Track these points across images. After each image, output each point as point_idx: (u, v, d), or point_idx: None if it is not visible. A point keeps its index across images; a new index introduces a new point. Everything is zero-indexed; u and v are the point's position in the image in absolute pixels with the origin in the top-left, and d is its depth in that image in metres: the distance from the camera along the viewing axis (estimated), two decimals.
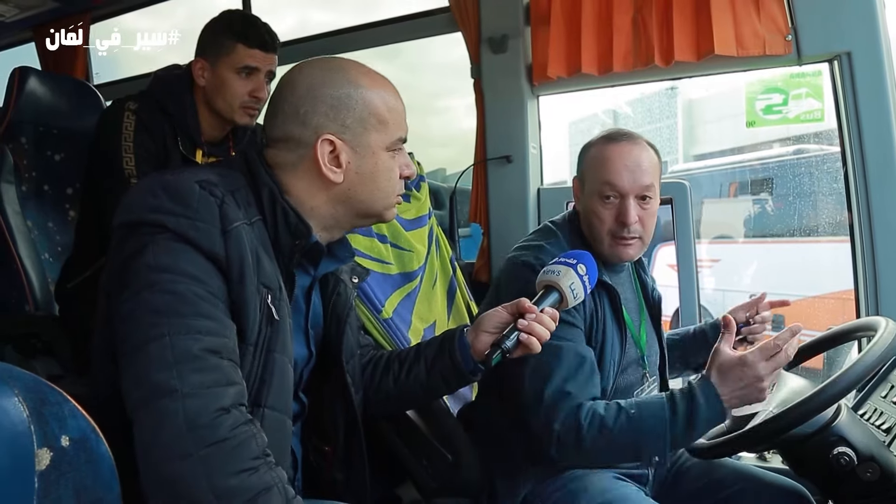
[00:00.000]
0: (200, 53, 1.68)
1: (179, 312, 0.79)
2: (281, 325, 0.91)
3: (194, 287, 0.81)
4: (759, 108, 2.25)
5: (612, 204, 1.27)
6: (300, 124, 0.95)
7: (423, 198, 2.03)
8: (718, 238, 5.88)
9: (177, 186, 0.86)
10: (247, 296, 0.86)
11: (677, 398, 1.12)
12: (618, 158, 1.27)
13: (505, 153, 2.27)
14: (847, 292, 1.98)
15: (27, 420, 0.60)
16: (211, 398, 0.76)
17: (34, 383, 0.64)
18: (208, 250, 0.83)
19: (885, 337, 1.11)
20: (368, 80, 0.99)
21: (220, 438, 0.75)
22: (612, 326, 1.29)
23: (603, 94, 2.38)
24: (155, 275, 0.81)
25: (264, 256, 0.90)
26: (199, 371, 0.77)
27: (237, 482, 0.74)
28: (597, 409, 1.16)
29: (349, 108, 0.96)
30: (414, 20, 2.53)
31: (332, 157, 0.95)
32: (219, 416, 0.76)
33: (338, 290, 1.10)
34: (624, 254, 1.29)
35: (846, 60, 1.82)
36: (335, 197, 0.98)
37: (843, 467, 1.06)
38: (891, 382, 1.33)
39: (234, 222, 0.86)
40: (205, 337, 0.79)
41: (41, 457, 0.60)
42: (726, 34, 1.90)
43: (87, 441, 0.66)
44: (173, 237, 0.82)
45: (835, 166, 2.15)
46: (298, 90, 0.96)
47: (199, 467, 0.73)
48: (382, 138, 0.99)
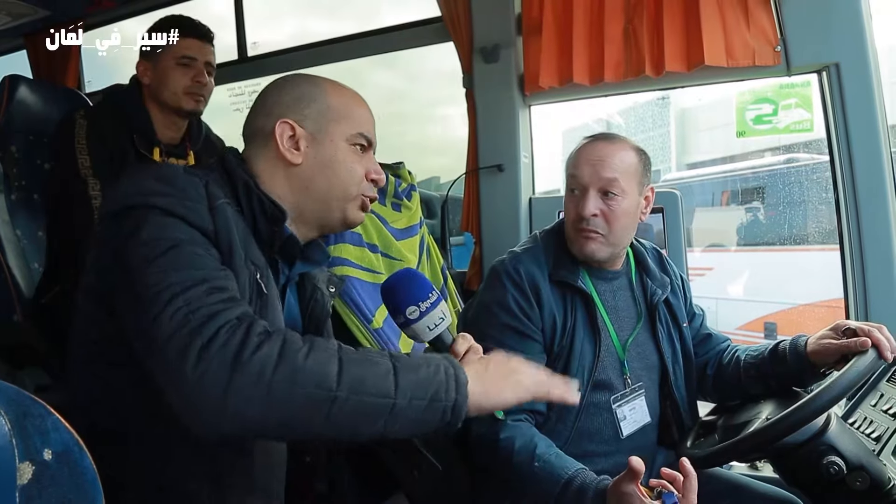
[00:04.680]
0: (142, 57, 1.78)
1: (182, 265, 0.81)
2: (270, 300, 0.93)
3: (191, 247, 0.83)
4: (750, 118, 2.27)
5: (576, 197, 1.31)
6: (264, 115, 1.02)
7: (415, 207, 2.04)
8: (711, 246, 5.91)
9: (163, 170, 0.90)
10: (236, 268, 0.88)
11: (573, 486, 1.08)
12: (584, 154, 1.32)
13: (497, 162, 2.28)
14: (838, 300, 1.99)
15: (9, 433, 0.59)
16: (221, 316, 0.77)
17: (16, 395, 0.62)
18: (198, 225, 0.85)
19: None
20: (332, 85, 1.05)
21: (226, 340, 0.75)
22: (584, 332, 1.30)
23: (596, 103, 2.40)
24: (152, 244, 0.82)
25: (250, 238, 0.93)
26: (209, 304, 0.78)
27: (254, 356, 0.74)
28: (513, 436, 1.17)
29: (310, 100, 1.02)
30: (407, 30, 2.54)
31: (291, 140, 1.00)
32: (227, 327, 0.76)
33: (315, 296, 1.13)
34: (585, 247, 1.30)
35: (835, 71, 1.84)
36: (296, 183, 1.01)
37: (833, 476, 1.06)
38: (880, 391, 1.34)
39: (219, 199, 0.89)
40: (210, 281, 0.81)
41: (23, 471, 0.59)
42: (716, 45, 1.92)
43: (71, 454, 0.65)
44: (163, 213, 0.84)
45: (825, 175, 2.16)
46: (267, 92, 1.05)
47: (219, 369, 0.73)
48: (342, 130, 1.02)
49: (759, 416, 1.18)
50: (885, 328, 1.15)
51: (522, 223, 2.26)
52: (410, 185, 2.07)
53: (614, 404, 1.30)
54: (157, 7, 2.95)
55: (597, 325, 1.30)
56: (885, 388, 1.35)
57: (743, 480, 1.37)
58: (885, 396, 1.31)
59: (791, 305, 5.02)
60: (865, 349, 1.12)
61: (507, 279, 1.29)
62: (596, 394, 1.29)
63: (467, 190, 2.34)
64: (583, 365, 1.28)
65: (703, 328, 1.51)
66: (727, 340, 1.50)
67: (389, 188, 1.95)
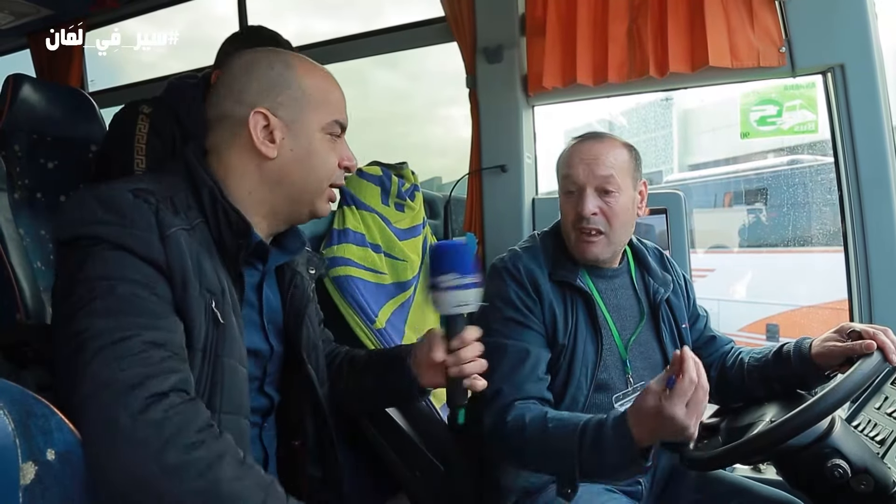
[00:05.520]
0: (218, 66, 1.67)
1: (122, 311, 0.78)
2: (227, 329, 0.89)
3: (136, 289, 0.80)
4: (754, 119, 2.26)
5: (573, 197, 1.31)
6: (234, 101, 0.95)
7: (418, 207, 2.03)
8: (714, 248, 5.90)
9: (109, 196, 0.84)
10: (190, 301, 0.84)
11: (590, 425, 1.10)
12: (576, 154, 1.32)
13: (500, 163, 2.28)
14: (841, 302, 1.98)
15: (12, 433, 0.59)
16: (151, 385, 0.74)
17: (20, 395, 0.62)
18: (147, 257, 0.82)
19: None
20: (303, 64, 1.00)
21: (158, 419, 0.72)
22: (587, 331, 1.30)
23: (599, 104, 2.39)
24: (96, 283, 0.79)
25: (206, 260, 0.88)
26: (140, 364, 0.75)
27: (186, 458, 0.72)
28: (523, 413, 1.18)
29: (284, 86, 0.96)
30: (411, 30, 2.54)
31: (265, 132, 0.95)
32: (156, 401, 0.73)
33: (294, 282, 1.09)
34: (587, 252, 1.30)
35: (839, 72, 1.84)
36: (269, 177, 0.96)
37: (837, 479, 1.05)
38: (884, 394, 1.33)
39: (171, 227, 0.84)
40: (147, 332, 0.77)
41: (26, 471, 0.59)
42: (721, 46, 1.92)
43: (73, 454, 0.65)
44: (110, 246, 0.81)
45: (829, 177, 2.16)
46: (234, 70, 0.97)
47: (144, 451, 0.70)
48: (318, 118, 0.98)
49: (762, 418, 1.18)
50: (890, 331, 1.15)
51: (525, 223, 2.27)
52: (413, 185, 2.07)
53: (616, 403, 1.30)
54: (161, 6, 2.96)
55: (598, 324, 1.30)
56: (889, 390, 1.34)
57: (746, 483, 1.36)
58: (889, 399, 1.31)
59: (794, 307, 5.01)
60: (870, 352, 1.12)
61: (507, 275, 1.31)
62: (598, 394, 1.29)
63: (470, 190, 2.34)
64: (585, 365, 1.28)
65: (708, 330, 1.50)
66: (731, 342, 1.49)
67: (393, 188, 1.95)
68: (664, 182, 5.95)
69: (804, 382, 1.28)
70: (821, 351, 1.23)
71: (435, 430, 1.34)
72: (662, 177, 6.28)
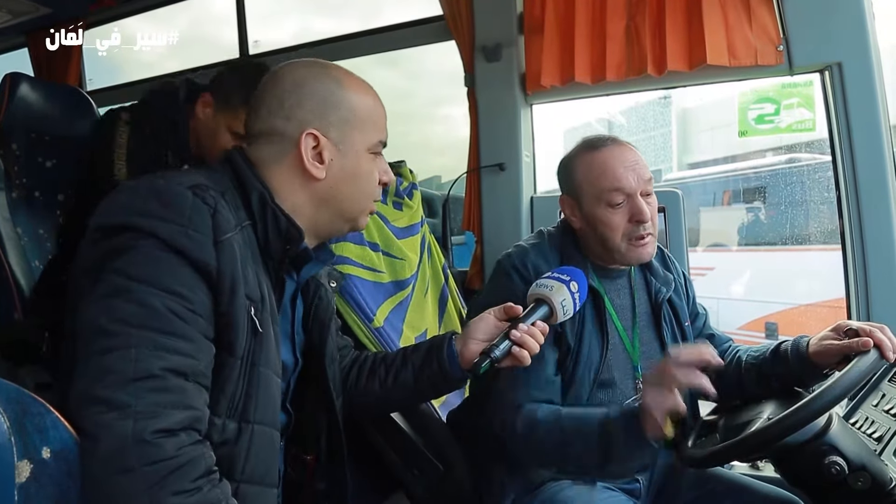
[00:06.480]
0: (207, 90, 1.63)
1: (150, 327, 0.75)
2: (265, 338, 0.88)
3: (171, 303, 0.77)
4: (752, 117, 2.26)
5: (623, 207, 1.27)
6: (284, 118, 0.94)
7: (416, 206, 2.03)
8: (712, 246, 5.90)
9: (169, 191, 0.82)
10: (236, 308, 0.83)
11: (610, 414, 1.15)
12: (615, 162, 1.27)
13: (498, 161, 2.28)
14: (839, 300, 1.98)
15: (7, 431, 0.59)
16: (162, 419, 0.72)
17: (16, 394, 0.63)
18: (200, 261, 0.80)
19: None
20: (352, 81, 0.99)
21: (164, 457, 0.71)
22: (593, 331, 1.29)
23: (598, 102, 2.39)
24: (132, 283, 0.76)
25: (249, 265, 0.87)
26: (156, 391, 0.73)
27: (178, 501, 0.71)
28: (534, 412, 1.20)
29: (334, 106, 0.95)
30: (409, 28, 2.54)
31: (315, 152, 0.94)
32: (164, 437, 0.72)
33: (319, 294, 1.08)
34: (644, 254, 1.29)
35: (837, 71, 1.84)
36: (317, 196, 0.96)
37: (834, 476, 1.05)
38: (882, 391, 1.33)
39: (227, 233, 0.83)
40: (172, 356, 0.76)
41: (21, 469, 0.59)
42: (718, 44, 1.92)
43: (69, 452, 0.65)
44: (160, 245, 0.78)
45: (826, 175, 2.16)
46: (284, 84, 0.96)
47: (140, 483, 0.70)
48: (365, 139, 0.98)
49: (760, 416, 1.18)
50: (886, 328, 1.15)
51: (524, 222, 2.26)
52: (412, 183, 2.07)
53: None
54: (159, 5, 2.95)
55: (605, 323, 1.29)
56: (886, 388, 1.34)
57: (744, 480, 1.36)
58: (886, 396, 1.31)
59: (792, 305, 5.02)
60: (867, 349, 1.12)
61: (514, 272, 1.29)
62: (600, 392, 1.28)
63: (468, 189, 2.34)
64: (590, 364, 1.27)
65: (707, 328, 1.50)
66: (730, 341, 1.49)
67: (391, 187, 1.95)
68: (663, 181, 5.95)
69: (802, 380, 1.28)
70: (818, 349, 1.23)
71: (434, 430, 1.34)
72: (661, 175, 6.28)
